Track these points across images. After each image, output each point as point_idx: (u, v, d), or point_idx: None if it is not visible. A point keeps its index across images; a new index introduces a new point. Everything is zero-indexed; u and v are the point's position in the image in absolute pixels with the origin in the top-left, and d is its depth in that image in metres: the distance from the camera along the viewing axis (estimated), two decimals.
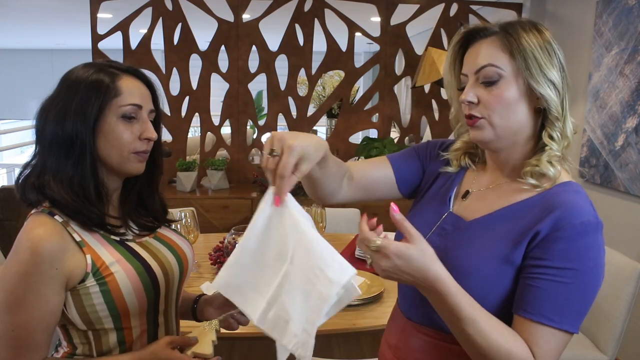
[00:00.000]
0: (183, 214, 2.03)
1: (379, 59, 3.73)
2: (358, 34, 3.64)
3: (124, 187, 1.12)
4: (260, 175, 3.50)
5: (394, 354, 1.06)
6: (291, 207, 0.81)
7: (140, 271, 1.04)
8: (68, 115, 0.99)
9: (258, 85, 3.78)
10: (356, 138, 3.86)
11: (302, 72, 3.66)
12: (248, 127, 3.75)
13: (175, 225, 1.26)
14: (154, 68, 3.46)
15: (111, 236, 1.05)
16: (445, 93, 3.95)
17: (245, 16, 3.59)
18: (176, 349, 1.04)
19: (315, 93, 3.86)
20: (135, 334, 1.07)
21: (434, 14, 3.65)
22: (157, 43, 3.45)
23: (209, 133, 3.67)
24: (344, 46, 3.66)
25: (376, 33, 3.67)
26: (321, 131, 4.94)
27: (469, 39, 0.97)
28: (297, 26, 3.60)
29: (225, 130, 3.72)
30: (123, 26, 3.40)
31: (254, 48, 3.58)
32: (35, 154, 1.04)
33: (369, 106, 3.80)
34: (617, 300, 2.01)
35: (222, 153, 3.84)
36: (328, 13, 3.57)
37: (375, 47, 3.78)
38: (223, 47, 3.55)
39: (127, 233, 1.09)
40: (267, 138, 0.83)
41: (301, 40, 3.62)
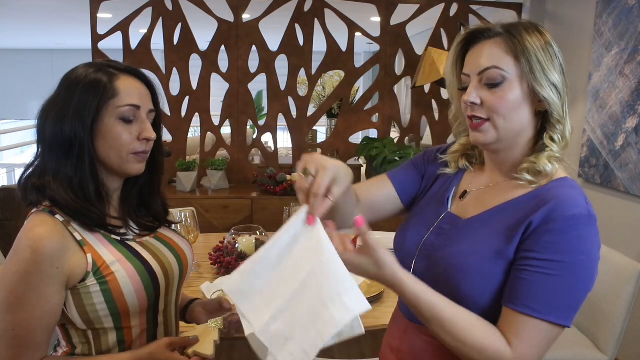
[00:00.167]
0: (183, 214, 2.02)
1: (379, 59, 3.73)
2: (358, 34, 3.64)
3: (124, 187, 1.12)
4: (260, 175, 3.50)
5: (396, 356, 1.07)
6: (320, 230, 0.82)
7: (141, 271, 1.04)
8: (67, 116, 1.00)
9: (258, 85, 3.77)
10: (356, 138, 3.86)
11: (302, 72, 3.65)
12: (248, 127, 3.75)
13: (176, 226, 1.26)
14: (154, 68, 3.46)
15: (112, 236, 1.05)
16: (445, 93, 3.94)
17: (245, 16, 3.58)
18: (176, 350, 1.04)
19: (315, 93, 3.86)
20: (135, 333, 1.07)
21: (434, 14, 3.64)
22: (157, 43, 3.45)
23: (209, 133, 3.66)
24: (344, 46, 3.65)
25: (376, 33, 3.67)
26: (321, 131, 4.93)
27: (470, 39, 0.97)
28: (297, 26, 3.60)
29: (225, 130, 3.72)
30: (123, 26, 3.40)
31: (254, 48, 3.58)
32: (36, 155, 1.05)
33: (369, 106, 3.79)
34: (617, 300, 2.01)
35: (222, 153, 3.84)
36: (328, 13, 3.57)
37: (375, 47, 3.78)
38: (223, 47, 3.54)
39: (128, 233, 1.09)
40: (300, 160, 0.86)
41: (301, 40, 3.62)
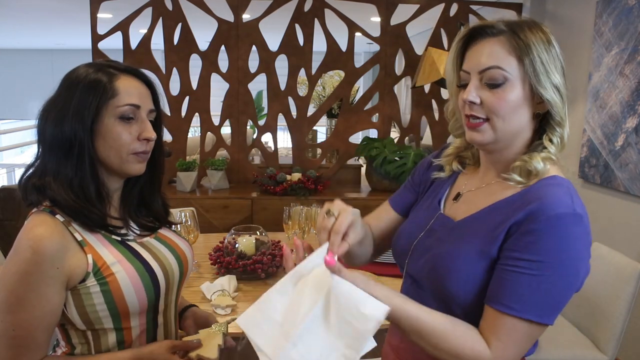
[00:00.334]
0: (183, 214, 2.02)
1: (379, 59, 3.73)
2: (358, 34, 3.64)
3: (124, 187, 1.12)
4: (260, 175, 3.50)
5: (397, 354, 1.07)
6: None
7: (141, 272, 1.04)
8: (67, 116, 0.99)
9: (258, 85, 3.77)
10: (356, 138, 3.85)
11: (302, 72, 3.65)
12: (248, 127, 3.75)
13: (176, 226, 1.26)
14: (154, 68, 3.45)
15: (112, 236, 1.05)
16: (445, 93, 3.93)
17: (245, 16, 3.58)
18: (177, 353, 1.04)
19: (315, 93, 3.85)
20: (135, 334, 1.07)
21: (434, 14, 3.64)
22: (157, 43, 3.45)
23: (209, 133, 3.66)
24: (344, 46, 3.65)
25: (376, 33, 3.67)
26: (321, 131, 4.92)
27: (472, 35, 0.95)
28: (297, 26, 3.60)
29: (225, 130, 3.71)
30: (123, 26, 3.40)
31: (254, 48, 3.57)
32: (37, 155, 1.05)
33: (369, 106, 3.79)
34: (617, 300, 2.01)
35: (222, 153, 3.84)
36: (328, 13, 3.57)
37: (375, 47, 3.78)
38: (223, 47, 3.54)
39: (129, 233, 1.09)
40: (326, 204, 0.92)
41: (301, 40, 3.62)
